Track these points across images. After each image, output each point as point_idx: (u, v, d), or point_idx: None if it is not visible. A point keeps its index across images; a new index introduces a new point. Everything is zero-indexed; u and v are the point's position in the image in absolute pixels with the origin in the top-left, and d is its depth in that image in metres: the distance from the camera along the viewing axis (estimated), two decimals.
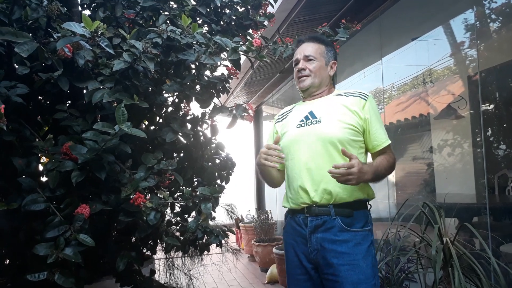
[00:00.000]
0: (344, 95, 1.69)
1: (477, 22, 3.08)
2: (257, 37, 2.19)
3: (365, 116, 1.58)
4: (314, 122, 1.61)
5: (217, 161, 2.26)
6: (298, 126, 1.65)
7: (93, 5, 2.11)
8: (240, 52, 1.89)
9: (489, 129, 3.19)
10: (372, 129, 1.58)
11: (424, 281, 2.05)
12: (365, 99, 1.62)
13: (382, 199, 3.85)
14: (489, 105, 3.20)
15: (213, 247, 2.01)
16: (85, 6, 2.13)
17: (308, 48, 1.70)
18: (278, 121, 1.82)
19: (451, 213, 2.29)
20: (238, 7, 2.37)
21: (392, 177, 3.95)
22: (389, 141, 1.61)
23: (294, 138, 1.64)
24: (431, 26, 3.41)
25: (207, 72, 2.09)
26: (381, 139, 1.59)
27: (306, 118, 1.65)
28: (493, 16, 3.10)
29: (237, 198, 4.61)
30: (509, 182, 2.97)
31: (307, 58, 1.68)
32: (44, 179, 1.63)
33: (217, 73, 2.16)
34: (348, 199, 1.52)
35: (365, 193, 1.57)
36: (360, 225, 1.52)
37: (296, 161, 1.60)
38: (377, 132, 1.59)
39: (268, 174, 1.75)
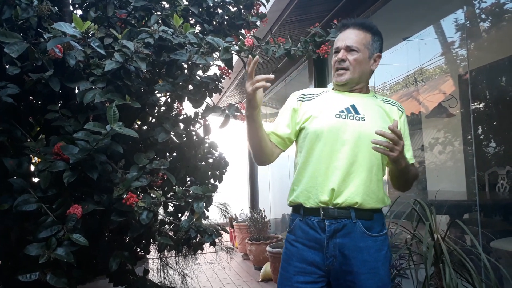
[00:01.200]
0: (382, 100, 1.56)
1: (467, 22, 3.12)
2: (250, 37, 2.20)
3: (400, 128, 1.42)
4: (358, 118, 1.44)
5: (210, 160, 2.26)
6: (338, 116, 1.45)
7: (85, 5, 2.10)
8: (232, 52, 1.90)
9: (479, 127, 3.23)
10: (406, 142, 1.44)
11: (415, 277, 2.07)
12: (402, 111, 1.54)
13: None
14: (479, 104, 3.24)
15: (206, 246, 2.01)
16: (77, 6, 2.13)
17: (352, 36, 1.49)
18: (302, 100, 1.56)
19: (442, 210, 2.31)
20: (230, 7, 2.38)
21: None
22: (414, 161, 1.54)
23: (332, 127, 1.43)
24: (422, 26, 3.44)
25: (200, 72, 2.09)
26: (409, 156, 1.49)
27: (348, 110, 1.46)
28: (483, 16, 3.14)
29: (230, 197, 4.61)
30: (499, 179, 3.01)
31: (349, 48, 1.48)
32: (35, 179, 1.63)
33: (210, 72, 2.16)
34: (368, 207, 1.41)
35: (385, 202, 1.48)
36: (379, 229, 1.43)
37: (328, 153, 1.42)
38: (407, 147, 1.47)
39: (262, 137, 1.47)
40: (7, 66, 1.52)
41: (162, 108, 2.17)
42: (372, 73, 1.58)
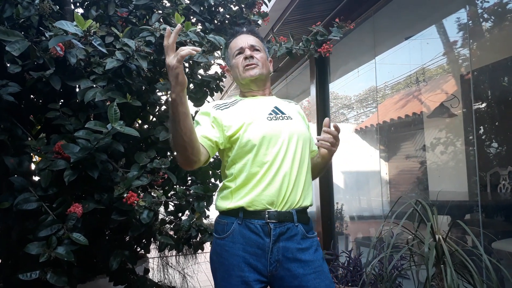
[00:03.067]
0: (284, 100, 1.61)
1: (470, 22, 3.10)
2: None
3: (306, 123, 1.56)
4: (286, 118, 1.45)
5: (211, 159, 2.26)
6: (269, 119, 1.43)
7: (86, 3, 2.10)
8: None
9: (481, 127, 3.22)
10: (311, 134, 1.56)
11: (417, 278, 2.06)
12: (299, 106, 1.62)
13: (376, 197, 3.87)
14: (481, 104, 3.23)
15: (207, 245, 2.01)
16: (78, 4, 2.12)
17: (250, 38, 1.53)
18: (221, 109, 1.46)
19: (444, 210, 2.31)
20: (232, 6, 2.37)
21: (385, 175, 3.98)
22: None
23: (269, 131, 1.39)
24: (424, 25, 3.43)
25: (201, 71, 2.09)
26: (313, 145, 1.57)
27: (275, 112, 1.46)
28: (485, 16, 3.12)
29: None
30: (501, 180, 3.00)
31: (253, 48, 1.50)
32: (36, 178, 1.63)
33: (211, 71, 2.16)
34: (308, 204, 1.43)
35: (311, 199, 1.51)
36: (312, 232, 1.45)
37: (269, 156, 1.38)
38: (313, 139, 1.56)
39: (191, 128, 1.27)
40: (8, 65, 1.52)
41: (163, 107, 2.17)
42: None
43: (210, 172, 2.22)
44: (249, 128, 1.41)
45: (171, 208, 2.08)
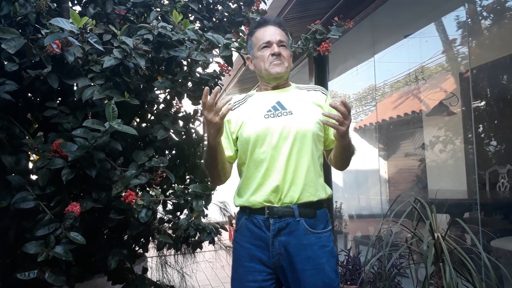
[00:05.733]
0: (304, 89, 1.58)
1: (469, 20, 3.10)
2: None
3: (328, 110, 1.47)
4: (285, 114, 1.47)
5: None
6: (267, 116, 1.46)
7: (84, 1, 2.09)
8: (232, 49, 1.89)
9: (480, 125, 3.22)
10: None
11: (416, 276, 2.06)
12: (325, 94, 1.57)
13: (375, 196, 3.88)
14: (480, 102, 3.23)
15: (205, 244, 2.00)
16: (76, 2, 2.11)
17: (277, 32, 1.52)
18: (232, 109, 1.52)
19: (443, 209, 2.31)
20: (230, 4, 2.36)
21: (384, 173, 3.98)
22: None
23: (263, 129, 1.44)
24: (423, 23, 3.42)
25: (199, 69, 2.08)
26: None
27: (275, 108, 1.48)
28: (484, 14, 3.12)
29: (230, 196, 4.61)
30: (499, 178, 3.00)
31: (281, 43, 1.50)
32: (34, 177, 1.62)
33: (209, 70, 2.15)
34: (313, 199, 1.43)
35: (327, 193, 1.50)
36: (322, 226, 1.45)
37: (263, 154, 1.43)
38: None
39: (219, 158, 1.44)
40: (5, 63, 1.51)
41: (161, 105, 2.16)
42: None
43: None
44: (245, 127, 1.47)
45: (169, 207, 2.07)
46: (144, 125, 2.15)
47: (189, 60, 1.89)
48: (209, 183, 2.16)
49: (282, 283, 1.46)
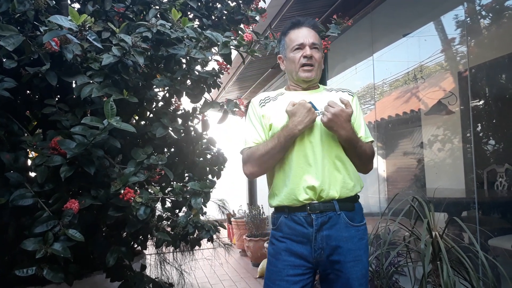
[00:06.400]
0: (333, 91, 1.63)
1: (468, 19, 3.10)
2: (249, 32, 2.18)
3: (353, 112, 1.51)
4: (318, 114, 1.49)
5: (208, 156, 2.25)
6: None
7: None
8: (231, 47, 1.88)
9: (479, 124, 3.23)
10: (358, 122, 1.56)
11: (413, 274, 2.07)
12: (352, 95, 1.62)
13: (373, 194, 3.88)
14: (478, 101, 3.24)
15: (204, 242, 2.00)
16: None
17: (311, 34, 1.55)
18: (264, 104, 1.61)
19: (441, 207, 2.31)
20: (229, 2, 2.36)
21: (383, 172, 3.98)
22: (372, 139, 1.59)
23: None
24: (422, 22, 3.42)
25: (198, 67, 2.08)
26: (361, 133, 1.55)
27: None
28: (483, 13, 3.12)
29: (228, 193, 4.61)
30: (497, 177, 3.01)
31: (313, 46, 1.53)
32: (32, 174, 1.62)
33: (208, 68, 2.15)
34: (351, 194, 1.49)
35: (361, 185, 1.55)
36: (359, 219, 1.51)
37: (300, 153, 1.47)
38: (362, 126, 1.58)
39: (283, 153, 1.50)
40: (4, 60, 1.51)
41: (160, 103, 2.16)
42: None
43: (208, 168, 2.22)
44: (280, 126, 1.50)
45: (168, 204, 2.07)
46: (142, 122, 2.15)
47: (188, 58, 1.89)
48: (213, 179, 2.18)
49: (321, 276, 1.53)
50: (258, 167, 1.53)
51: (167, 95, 2.15)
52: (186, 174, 2.15)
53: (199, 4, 2.20)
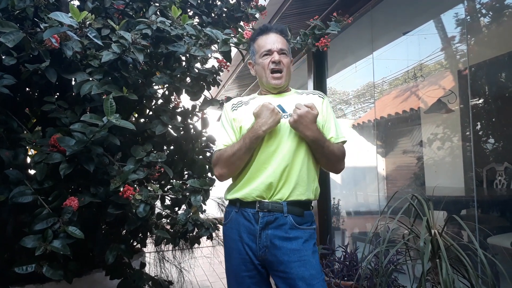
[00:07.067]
0: (303, 94, 1.64)
1: (468, 17, 3.10)
2: (248, 29, 2.18)
3: (323, 114, 1.56)
4: (285, 116, 1.53)
5: (208, 154, 2.26)
6: None
7: None
8: (231, 44, 1.88)
9: (478, 123, 3.23)
10: (328, 124, 1.57)
11: (412, 272, 2.07)
12: (322, 97, 1.62)
13: (372, 192, 3.88)
14: (478, 100, 3.23)
15: (203, 239, 2.01)
16: None
17: (279, 40, 1.57)
18: (236, 109, 1.63)
19: (440, 205, 2.31)
20: None
21: (382, 170, 3.98)
22: (346, 139, 1.59)
23: None
24: (422, 20, 3.42)
25: (198, 64, 2.08)
26: (332, 134, 1.56)
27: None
28: (483, 11, 3.12)
29: None
30: (497, 176, 3.01)
31: (282, 51, 1.56)
32: (32, 171, 1.62)
33: (208, 65, 2.14)
34: (302, 198, 1.49)
35: (315, 195, 1.56)
36: (308, 224, 1.51)
37: (265, 153, 1.50)
38: (332, 126, 1.58)
39: (249, 154, 1.52)
40: (3, 57, 1.50)
41: (160, 101, 2.16)
42: None
43: (207, 166, 2.22)
44: (248, 127, 1.52)
45: (167, 202, 2.07)
46: (142, 120, 2.15)
47: (187, 55, 1.89)
48: (212, 177, 2.17)
49: (271, 275, 1.52)
50: (227, 169, 1.54)
51: (166, 92, 2.15)
52: (185, 172, 2.15)
53: (199, 1, 2.19)
